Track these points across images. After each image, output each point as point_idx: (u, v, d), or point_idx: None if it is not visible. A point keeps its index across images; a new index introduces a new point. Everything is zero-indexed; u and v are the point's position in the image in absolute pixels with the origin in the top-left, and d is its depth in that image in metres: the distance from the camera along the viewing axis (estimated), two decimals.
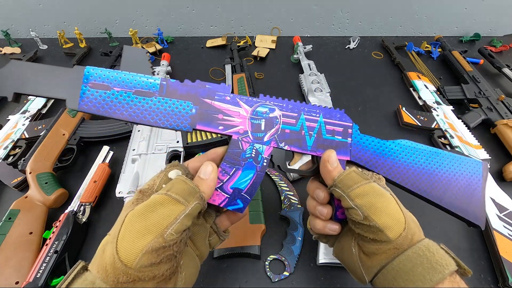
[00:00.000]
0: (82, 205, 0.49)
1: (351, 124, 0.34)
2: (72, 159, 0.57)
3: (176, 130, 0.31)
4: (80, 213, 0.48)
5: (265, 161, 0.31)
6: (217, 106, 0.30)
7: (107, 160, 0.56)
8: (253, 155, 0.31)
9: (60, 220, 0.45)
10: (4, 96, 0.27)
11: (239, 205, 0.30)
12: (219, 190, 0.30)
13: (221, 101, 0.30)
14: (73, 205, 0.49)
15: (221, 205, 0.30)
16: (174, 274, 0.25)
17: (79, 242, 0.47)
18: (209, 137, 0.60)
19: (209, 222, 0.31)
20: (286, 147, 0.32)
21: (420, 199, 0.35)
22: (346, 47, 0.96)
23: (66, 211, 0.47)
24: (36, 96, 0.28)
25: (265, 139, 0.31)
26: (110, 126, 0.64)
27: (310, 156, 0.34)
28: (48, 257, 0.40)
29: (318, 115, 0.33)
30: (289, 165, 0.34)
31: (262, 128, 0.31)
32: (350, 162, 0.34)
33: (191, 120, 0.29)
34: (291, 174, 0.55)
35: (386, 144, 0.35)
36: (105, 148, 0.57)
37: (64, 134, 0.59)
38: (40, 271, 0.39)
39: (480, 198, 0.35)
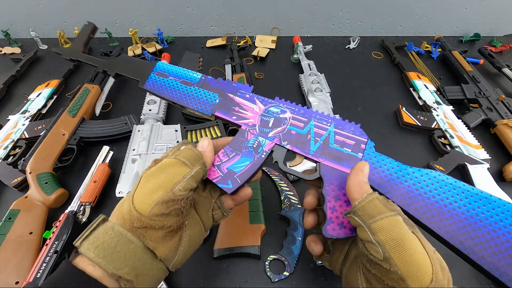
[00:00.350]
0: (82, 205, 0.48)
1: (365, 140, 0.33)
2: (72, 159, 0.57)
3: (200, 113, 0.37)
4: (80, 213, 0.48)
5: (264, 153, 0.33)
6: (237, 100, 0.36)
7: (107, 160, 0.56)
8: (254, 146, 0.33)
9: (60, 220, 0.45)
10: (111, 73, 0.42)
11: (229, 186, 0.32)
12: (216, 167, 0.33)
13: (241, 97, 0.36)
14: (73, 205, 0.48)
15: (214, 181, 0.32)
16: (180, 229, 0.29)
17: None
18: (209, 137, 0.60)
19: (213, 196, 0.34)
20: (288, 146, 0.33)
21: (449, 248, 0.27)
22: (346, 47, 0.96)
23: (66, 211, 0.47)
24: (127, 77, 0.41)
25: (270, 135, 0.34)
26: (110, 126, 0.64)
27: (314, 163, 0.33)
28: (48, 257, 0.40)
29: (329, 124, 0.34)
30: (289, 165, 0.34)
31: (270, 125, 0.34)
32: None
33: (213, 107, 0.36)
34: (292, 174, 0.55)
35: (408, 170, 0.30)
36: (105, 148, 0.57)
37: (64, 134, 0.59)
38: (40, 271, 0.39)
39: None
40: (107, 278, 0.24)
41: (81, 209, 0.48)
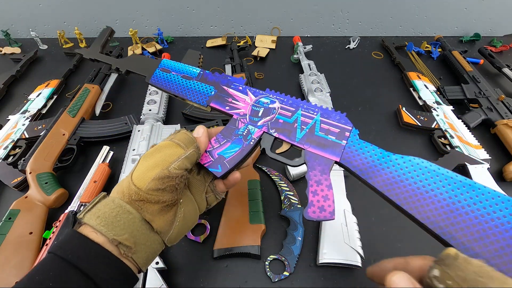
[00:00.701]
0: (82, 205, 0.48)
1: (350, 128, 0.35)
2: (72, 159, 0.57)
3: (197, 104, 0.40)
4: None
5: (253, 141, 0.36)
6: (230, 92, 0.39)
7: (107, 160, 0.56)
8: (244, 134, 0.36)
9: (60, 220, 0.45)
10: (122, 70, 0.46)
11: (218, 170, 0.34)
12: (207, 153, 0.35)
13: (235, 89, 0.39)
14: (73, 205, 0.48)
15: (205, 165, 0.35)
16: (175, 205, 0.31)
17: None
18: None
19: (207, 180, 0.36)
20: (275, 134, 0.36)
21: (429, 233, 0.27)
22: (346, 47, 0.96)
23: (66, 211, 0.47)
24: (136, 73, 0.45)
25: (259, 123, 0.37)
26: (110, 126, 0.64)
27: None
28: None
29: (315, 113, 0.36)
30: (276, 152, 0.36)
31: (259, 114, 0.37)
32: (338, 164, 0.34)
33: (209, 98, 0.39)
34: (291, 174, 0.55)
35: (391, 157, 0.31)
36: (105, 148, 0.57)
37: (64, 134, 0.59)
38: None
39: None
40: (108, 244, 0.26)
41: (81, 209, 0.48)
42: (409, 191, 0.28)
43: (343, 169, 0.52)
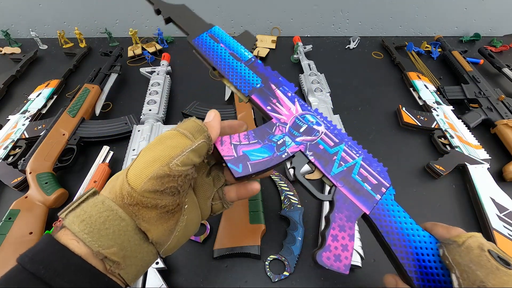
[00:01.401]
0: None
1: (388, 185, 0.33)
2: (72, 159, 0.57)
3: (237, 90, 0.36)
4: None
5: (285, 154, 0.32)
6: (277, 93, 0.36)
7: (107, 160, 0.56)
8: (278, 143, 0.32)
9: (60, 221, 0.45)
10: (164, 16, 0.41)
11: (238, 169, 0.30)
12: (232, 146, 0.31)
13: (283, 93, 0.36)
14: None
15: (225, 158, 0.30)
16: (178, 212, 0.26)
17: None
18: None
19: (216, 185, 0.31)
20: (311, 158, 0.32)
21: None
22: (346, 47, 0.96)
23: None
24: (178, 26, 0.41)
25: (298, 139, 0.33)
26: (110, 126, 0.64)
27: (330, 185, 0.33)
28: None
29: (358, 155, 0.33)
30: (304, 175, 0.33)
31: (301, 130, 0.34)
32: (365, 218, 0.32)
33: (252, 89, 0.35)
34: (291, 174, 0.55)
35: (414, 226, 0.31)
36: (105, 148, 0.57)
37: (64, 134, 0.59)
38: None
39: None
40: (92, 257, 0.21)
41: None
42: (408, 249, 0.30)
43: None
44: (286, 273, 0.43)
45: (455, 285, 0.24)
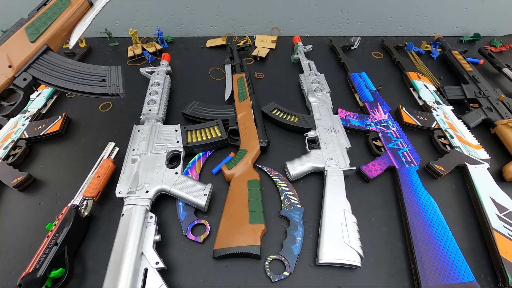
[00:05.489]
0: (84, 199, 0.49)
1: (415, 164, 0.57)
2: (15, 108, 0.36)
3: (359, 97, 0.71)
4: (83, 207, 0.48)
5: (367, 128, 0.65)
6: (378, 106, 0.70)
7: (112, 156, 0.56)
8: (367, 123, 0.66)
9: (62, 213, 0.46)
10: None
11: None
12: (345, 116, 0.67)
13: (381, 106, 0.70)
14: (76, 199, 0.49)
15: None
16: None
17: (80, 237, 0.47)
18: (209, 137, 0.60)
19: None
20: (380, 135, 0.63)
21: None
22: (348, 48, 0.96)
23: (69, 204, 0.48)
24: None
25: (378, 127, 0.65)
26: (81, 76, 0.45)
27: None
28: (48, 249, 0.41)
29: (408, 148, 0.60)
30: None
31: (382, 124, 0.65)
32: (393, 170, 0.56)
33: (367, 101, 0.71)
34: (291, 174, 0.54)
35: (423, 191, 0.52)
36: (111, 144, 0.57)
37: (10, 66, 0.37)
38: (40, 262, 0.39)
39: None
40: None
41: (83, 203, 0.49)
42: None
43: (342, 169, 0.53)
44: (286, 273, 0.43)
45: None
